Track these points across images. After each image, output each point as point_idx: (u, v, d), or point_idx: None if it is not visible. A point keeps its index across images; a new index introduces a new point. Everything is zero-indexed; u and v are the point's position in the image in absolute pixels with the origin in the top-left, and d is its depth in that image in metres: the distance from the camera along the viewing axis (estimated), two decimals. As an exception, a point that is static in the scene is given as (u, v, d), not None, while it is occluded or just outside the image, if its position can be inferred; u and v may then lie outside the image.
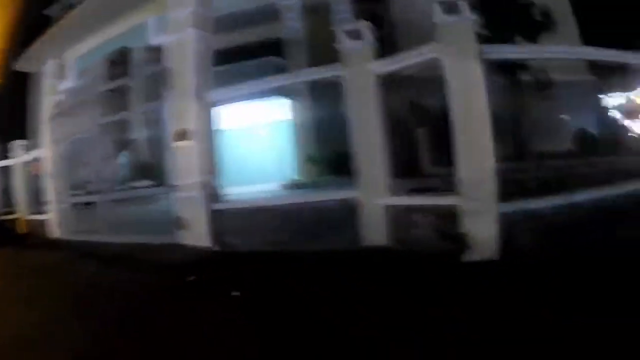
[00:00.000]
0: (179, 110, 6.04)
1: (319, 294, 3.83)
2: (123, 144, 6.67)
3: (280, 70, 7.79)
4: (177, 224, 6.06)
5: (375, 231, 5.29)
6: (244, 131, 6.71)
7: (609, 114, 6.48)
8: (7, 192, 10.96)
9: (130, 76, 6.67)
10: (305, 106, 6.90)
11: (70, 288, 4.80)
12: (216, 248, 5.83)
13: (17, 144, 10.46)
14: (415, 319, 3.10)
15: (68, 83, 9.01)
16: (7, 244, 8.21)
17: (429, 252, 4.94)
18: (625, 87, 7.03)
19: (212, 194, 5.91)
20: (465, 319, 3.00)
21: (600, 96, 6.23)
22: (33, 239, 8.99)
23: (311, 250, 5.27)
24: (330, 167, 6.04)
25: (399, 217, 5.27)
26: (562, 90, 5.55)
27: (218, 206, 5.88)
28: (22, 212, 10.13)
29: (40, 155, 9.40)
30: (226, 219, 5.84)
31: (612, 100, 6.73)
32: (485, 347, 2.57)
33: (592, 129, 6.10)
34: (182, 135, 5.94)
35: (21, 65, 11.30)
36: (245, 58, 8.49)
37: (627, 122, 8.53)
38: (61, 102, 8.73)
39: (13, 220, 9.85)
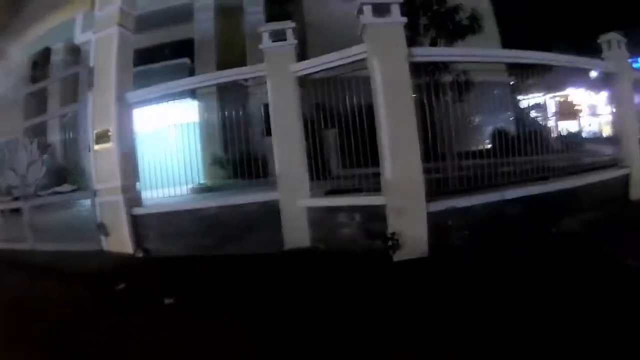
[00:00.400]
0: (99, 111, 5.81)
1: (248, 300, 3.79)
2: (44, 148, 6.36)
3: (188, 71, 7.68)
4: (99, 230, 5.83)
5: (298, 233, 5.26)
6: (150, 134, 6.52)
7: (530, 113, 6.71)
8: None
9: (51, 77, 6.37)
10: (211, 108, 6.79)
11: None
12: (139, 254, 5.66)
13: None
14: (357, 318, 3.13)
15: None
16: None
17: (357, 253, 4.97)
18: (551, 88, 7.31)
19: (133, 198, 5.72)
20: (400, 315, 3.11)
21: (521, 96, 6.45)
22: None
23: (235, 254, 5.20)
24: (236, 170, 5.96)
25: (322, 219, 5.26)
26: (482, 91, 5.69)
27: (139, 211, 5.70)
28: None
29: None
30: (148, 223, 5.67)
31: (534, 100, 6.98)
32: (425, 345, 2.63)
33: (512, 129, 6.30)
34: (103, 137, 5.72)
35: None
36: (158, 59, 8.35)
37: (561, 122, 8.89)
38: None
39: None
